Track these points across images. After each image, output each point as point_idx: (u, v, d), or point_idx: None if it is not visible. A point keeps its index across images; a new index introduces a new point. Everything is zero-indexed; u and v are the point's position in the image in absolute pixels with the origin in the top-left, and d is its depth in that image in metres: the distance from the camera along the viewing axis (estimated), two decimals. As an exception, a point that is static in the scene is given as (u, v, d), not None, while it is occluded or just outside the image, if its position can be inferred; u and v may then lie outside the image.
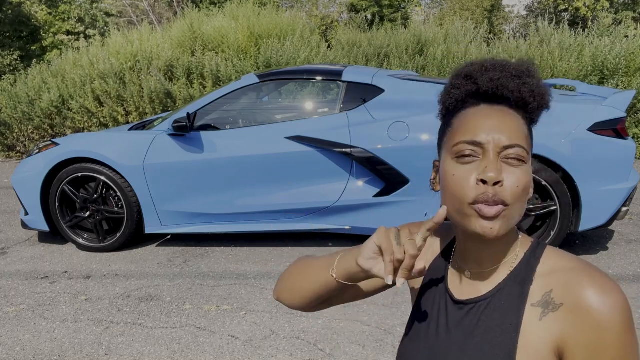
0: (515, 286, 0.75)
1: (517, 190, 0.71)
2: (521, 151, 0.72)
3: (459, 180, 0.72)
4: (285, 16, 8.60)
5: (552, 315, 0.70)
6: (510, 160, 0.72)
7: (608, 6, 16.99)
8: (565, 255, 0.76)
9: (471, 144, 0.73)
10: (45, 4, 18.64)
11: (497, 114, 0.74)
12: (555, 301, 0.70)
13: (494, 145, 0.71)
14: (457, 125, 0.77)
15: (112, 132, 4.13)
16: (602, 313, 0.66)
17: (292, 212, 3.38)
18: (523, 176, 0.72)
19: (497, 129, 0.72)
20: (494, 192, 0.70)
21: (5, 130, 7.94)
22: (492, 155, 0.71)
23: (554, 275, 0.72)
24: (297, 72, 3.71)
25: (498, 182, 0.70)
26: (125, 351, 2.32)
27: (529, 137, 0.76)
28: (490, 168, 0.70)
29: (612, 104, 2.97)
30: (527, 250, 0.78)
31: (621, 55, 6.12)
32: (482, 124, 0.73)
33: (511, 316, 0.73)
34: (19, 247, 3.86)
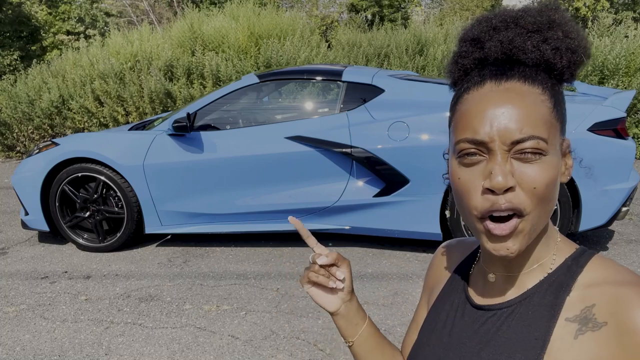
0: (548, 294, 0.63)
1: (536, 193, 0.58)
2: (537, 143, 0.58)
3: (464, 186, 0.61)
4: (285, 16, 8.60)
5: (590, 334, 0.57)
6: (525, 156, 0.58)
7: (608, 6, 17.00)
8: (617, 266, 0.63)
9: (471, 143, 0.60)
10: (45, 4, 18.64)
11: (504, 96, 0.60)
12: (597, 318, 0.58)
13: (500, 142, 0.58)
14: (458, 115, 0.63)
15: (112, 132, 4.13)
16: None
17: (292, 212, 3.38)
18: (542, 173, 0.58)
19: (504, 119, 0.58)
20: (506, 201, 0.58)
21: (5, 130, 7.94)
22: (499, 155, 0.58)
23: (599, 287, 0.60)
24: (297, 72, 3.71)
25: (508, 188, 0.58)
26: (125, 351, 2.32)
27: (553, 114, 0.61)
28: (496, 172, 0.57)
29: (612, 104, 2.97)
30: (569, 256, 0.66)
31: (621, 55, 6.12)
32: (484, 115, 0.60)
33: (538, 329, 0.61)
34: (19, 247, 3.86)
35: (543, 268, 0.65)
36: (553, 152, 0.60)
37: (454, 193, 0.64)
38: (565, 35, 0.61)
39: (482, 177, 0.60)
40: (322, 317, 2.56)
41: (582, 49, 0.61)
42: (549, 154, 0.59)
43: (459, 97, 0.64)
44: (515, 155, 0.58)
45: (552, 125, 0.60)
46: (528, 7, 0.63)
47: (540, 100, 0.60)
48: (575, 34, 0.62)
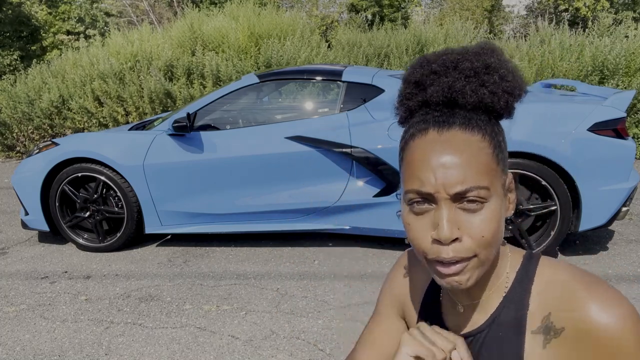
0: (510, 312, 0.67)
1: (484, 240, 0.61)
2: (479, 192, 0.60)
3: (414, 233, 0.64)
4: (285, 16, 8.59)
5: (555, 342, 0.62)
6: (469, 205, 0.61)
7: (608, 6, 17.00)
8: (559, 266, 0.67)
9: (419, 194, 0.62)
10: (45, 4, 18.65)
11: (446, 147, 0.62)
12: (555, 326, 0.62)
13: (445, 193, 0.60)
14: (406, 164, 0.66)
15: (112, 132, 4.13)
16: (609, 332, 0.58)
17: (292, 212, 3.38)
18: (487, 221, 0.61)
19: (446, 170, 0.61)
20: (452, 252, 0.61)
21: (5, 130, 7.94)
22: (444, 206, 0.61)
23: (549, 293, 0.64)
24: (297, 72, 3.71)
25: (455, 239, 0.61)
26: (125, 351, 2.32)
27: (493, 159, 0.63)
28: (443, 225, 0.60)
29: (612, 104, 2.97)
30: (519, 268, 0.69)
31: (621, 55, 6.11)
32: (428, 166, 0.62)
33: (512, 348, 0.65)
34: (19, 247, 3.86)
35: (500, 288, 0.69)
36: (496, 195, 0.63)
37: (408, 236, 0.67)
38: (501, 78, 0.64)
39: (431, 227, 0.63)
40: (322, 317, 2.56)
41: (518, 89, 0.65)
42: (492, 199, 0.62)
43: (406, 142, 0.67)
44: (460, 205, 0.61)
45: (492, 170, 0.63)
46: (467, 50, 0.67)
47: (480, 148, 0.62)
48: (511, 75, 0.65)
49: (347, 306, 2.67)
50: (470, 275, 0.63)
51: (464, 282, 0.63)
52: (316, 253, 3.48)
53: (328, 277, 3.05)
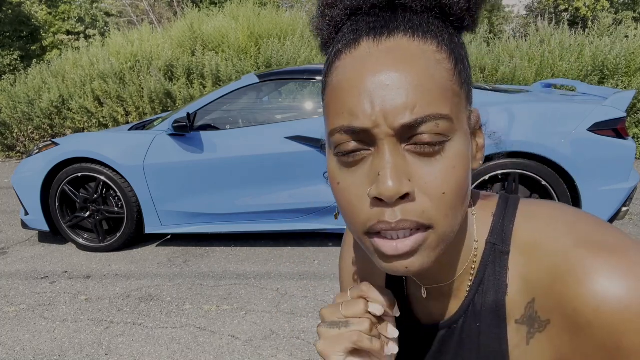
0: (486, 298, 0.51)
1: (446, 199, 0.43)
2: (436, 125, 0.42)
3: (345, 196, 0.45)
4: (285, 16, 8.59)
5: (539, 336, 0.47)
6: (422, 148, 0.42)
7: (608, 6, 17.01)
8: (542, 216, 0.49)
9: (350, 134, 0.43)
10: (45, 3, 18.65)
11: (386, 59, 0.43)
12: (540, 317, 0.47)
13: (387, 127, 0.42)
14: (329, 93, 0.46)
15: (112, 132, 4.13)
16: (614, 325, 0.41)
17: (292, 212, 3.38)
18: (450, 171, 0.43)
19: (388, 93, 0.42)
20: (400, 214, 0.42)
21: (5, 130, 7.94)
22: (387, 147, 0.42)
23: (532, 266, 0.48)
24: (297, 72, 3.71)
25: (404, 195, 0.42)
26: (125, 351, 2.32)
27: (455, 79, 0.44)
28: (385, 174, 0.42)
29: (612, 104, 2.97)
30: (489, 235, 0.52)
31: (621, 55, 6.12)
32: (361, 90, 0.42)
33: (490, 341, 0.51)
34: (19, 247, 3.86)
35: (468, 264, 0.52)
36: (461, 131, 0.44)
37: (336, 200, 0.47)
38: None
39: (369, 181, 0.44)
40: (322, 317, 2.56)
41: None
42: (455, 137, 0.44)
43: (329, 65, 0.47)
44: (410, 146, 0.43)
45: (455, 94, 0.44)
46: None
47: (436, 60, 0.43)
48: None
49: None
50: (426, 259, 0.45)
51: (416, 267, 0.45)
52: (316, 253, 3.48)
53: (328, 277, 3.05)
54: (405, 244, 0.43)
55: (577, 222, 0.47)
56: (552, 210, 0.50)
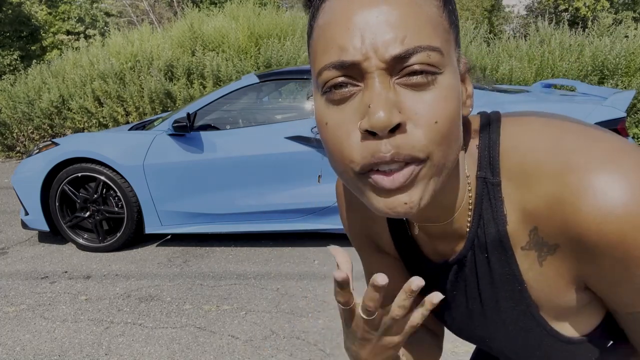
0: (488, 231, 0.52)
1: (438, 128, 0.42)
2: (427, 56, 0.41)
3: (334, 133, 0.44)
4: (285, 16, 8.59)
5: (551, 258, 0.49)
6: (414, 78, 0.42)
7: (608, 6, 17.02)
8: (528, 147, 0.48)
9: (339, 69, 0.42)
10: (45, 4, 18.65)
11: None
12: (547, 242, 0.48)
13: (376, 59, 0.41)
14: (317, 34, 0.45)
15: (112, 132, 4.13)
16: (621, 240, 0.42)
17: (292, 212, 3.38)
18: (442, 100, 0.42)
19: (378, 25, 0.41)
20: (392, 147, 0.42)
21: (5, 130, 7.94)
22: (377, 79, 0.41)
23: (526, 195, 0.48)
24: (297, 72, 3.71)
25: (396, 127, 0.41)
26: (125, 351, 2.32)
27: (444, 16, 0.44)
28: (376, 105, 0.41)
29: (612, 104, 2.97)
30: (478, 170, 0.52)
31: (621, 55, 6.11)
32: (350, 24, 0.42)
33: (502, 268, 0.53)
34: (19, 247, 3.86)
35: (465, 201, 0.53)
36: (451, 69, 0.44)
37: (324, 145, 0.47)
38: None
39: (359, 116, 0.43)
40: (322, 317, 2.56)
41: None
42: (446, 71, 0.43)
43: (315, 9, 0.46)
44: (400, 79, 0.42)
45: (445, 30, 0.44)
46: None
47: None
48: None
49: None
50: (424, 192, 0.44)
51: (415, 200, 0.44)
52: (316, 253, 3.48)
53: (328, 277, 3.05)
54: (401, 174, 0.43)
55: (562, 138, 0.47)
56: (535, 127, 0.50)
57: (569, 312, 0.54)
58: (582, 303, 0.53)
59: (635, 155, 0.44)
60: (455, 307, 0.63)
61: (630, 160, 0.43)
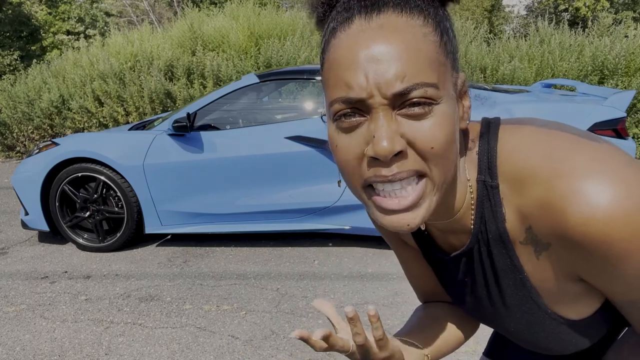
0: (490, 228, 0.58)
1: (435, 152, 0.49)
2: (424, 91, 0.47)
3: (344, 156, 0.52)
4: (285, 16, 8.59)
5: (545, 253, 0.55)
6: (413, 110, 0.48)
7: (608, 6, 17.01)
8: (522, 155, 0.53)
9: (347, 103, 0.49)
10: (45, 3, 18.65)
11: (377, 36, 0.48)
12: (541, 240, 0.54)
13: (380, 97, 0.47)
14: (327, 68, 0.52)
15: (112, 132, 4.13)
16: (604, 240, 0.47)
17: (292, 212, 3.38)
18: (438, 128, 0.48)
19: (380, 65, 0.47)
20: (396, 170, 0.49)
21: (5, 130, 7.94)
22: (381, 113, 0.48)
23: (522, 199, 0.53)
24: (297, 72, 3.71)
25: (398, 153, 0.48)
26: (125, 351, 2.32)
27: (441, 50, 0.49)
28: (380, 135, 0.47)
29: (612, 104, 2.97)
30: (479, 171, 0.57)
31: (621, 55, 6.11)
32: (356, 64, 0.48)
33: (504, 260, 0.59)
34: (19, 247, 3.86)
35: (466, 202, 0.59)
36: (446, 97, 0.50)
37: (337, 164, 0.54)
38: None
39: (365, 143, 0.49)
40: (322, 317, 2.56)
41: None
42: (442, 101, 0.49)
43: (326, 42, 0.53)
44: (401, 111, 0.48)
45: (441, 64, 0.49)
46: None
47: (423, 34, 0.48)
48: None
49: (347, 306, 2.67)
50: (426, 212, 0.51)
51: (418, 221, 0.51)
52: (316, 253, 3.48)
53: (328, 277, 3.05)
54: (408, 199, 0.50)
55: (553, 146, 0.52)
56: (529, 135, 0.55)
57: (568, 298, 0.59)
58: (579, 291, 0.58)
59: (618, 164, 0.49)
60: (468, 294, 0.70)
61: (613, 167, 0.48)
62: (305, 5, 0.57)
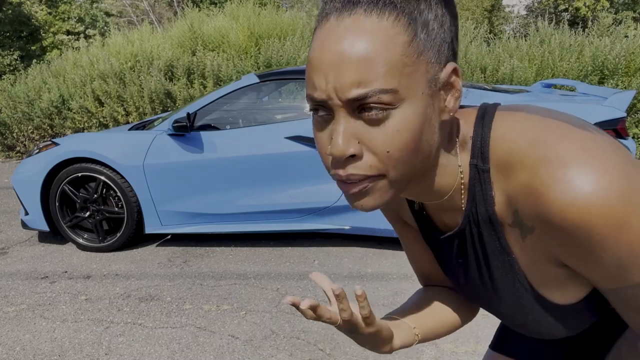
0: (480, 210, 0.59)
1: (392, 156, 0.50)
2: (379, 97, 0.48)
3: (319, 148, 0.55)
4: (285, 16, 8.59)
5: (530, 236, 0.56)
6: (369, 115, 0.49)
7: (608, 6, 17.02)
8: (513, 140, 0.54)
9: (314, 101, 0.52)
10: (45, 3, 18.65)
11: (342, 39, 0.48)
12: (526, 223, 0.55)
13: (337, 100, 0.49)
14: (306, 65, 0.53)
15: (112, 132, 4.13)
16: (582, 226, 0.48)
17: (292, 212, 3.38)
18: (394, 134, 0.49)
19: (339, 69, 0.48)
20: (351, 171, 0.51)
21: (5, 130, 7.94)
22: (341, 115, 0.50)
23: (509, 183, 0.54)
24: (297, 72, 3.71)
25: (351, 156, 0.51)
26: (125, 351, 2.32)
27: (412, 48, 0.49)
28: (336, 138, 0.50)
29: (612, 104, 2.97)
30: (471, 158, 0.59)
31: (621, 55, 6.11)
32: (320, 66, 0.49)
33: (493, 241, 0.61)
34: (19, 247, 3.86)
35: (457, 185, 0.60)
36: (412, 98, 0.49)
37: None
38: None
39: (329, 142, 0.53)
40: (322, 317, 2.56)
41: None
42: (404, 104, 0.49)
43: (312, 37, 0.53)
44: (359, 114, 0.49)
45: (407, 65, 0.48)
46: None
47: (389, 36, 0.48)
48: None
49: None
50: (378, 200, 0.54)
51: (369, 206, 0.54)
52: (316, 253, 3.48)
53: (328, 277, 3.05)
54: (355, 187, 0.53)
55: (543, 134, 0.53)
56: (521, 122, 0.56)
57: (554, 282, 0.60)
58: (565, 276, 0.59)
59: (604, 154, 0.49)
60: (462, 274, 0.72)
61: (599, 157, 0.48)
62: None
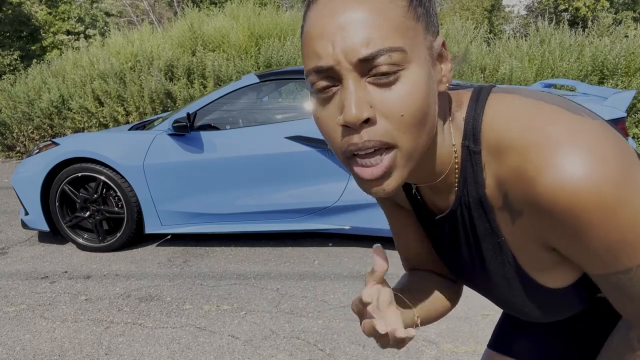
0: (471, 193, 0.59)
1: (405, 120, 0.50)
2: (391, 57, 0.48)
3: (324, 127, 0.53)
4: (285, 16, 8.59)
5: (519, 220, 0.56)
6: (380, 79, 0.49)
7: (608, 6, 17.02)
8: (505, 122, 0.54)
9: (319, 73, 0.51)
10: (45, 3, 18.65)
11: (343, 4, 0.49)
12: (515, 207, 0.55)
13: (346, 63, 0.48)
14: (303, 39, 0.53)
15: (112, 132, 4.13)
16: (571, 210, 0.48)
17: (292, 212, 3.38)
18: (407, 95, 0.49)
19: (346, 32, 0.48)
20: (366, 137, 0.50)
21: (5, 130, 7.94)
22: (350, 80, 0.49)
23: (500, 166, 0.54)
24: (297, 72, 3.70)
25: (366, 120, 0.49)
26: (125, 351, 2.32)
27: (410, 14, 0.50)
28: (348, 103, 0.49)
29: (612, 104, 2.97)
30: (464, 136, 0.58)
31: (621, 55, 6.11)
32: (324, 34, 0.49)
33: (483, 224, 0.61)
34: (19, 247, 3.86)
35: (451, 166, 0.60)
36: (417, 61, 0.50)
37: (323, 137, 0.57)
38: None
39: (338, 113, 0.51)
40: (322, 317, 2.56)
41: None
42: (412, 66, 0.49)
43: (303, 15, 0.54)
44: (370, 78, 0.49)
45: (410, 28, 0.49)
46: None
47: (389, 0, 0.49)
48: None
49: (347, 306, 2.67)
50: (399, 179, 0.53)
51: (392, 187, 0.53)
52: (316, 253, 3.48)
53: (328, 277, 3.05)
54: (379, 169, 0.51)
55: (535, 117, 0.52)
56: (514, 104, 0.56)
57: (544, 265, 0.60)
58: (555, 260, 0.59)
59: (595, 137, 0.49)
60: (454, 257, 0.72)
61: (589, 141, 0.48)
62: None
